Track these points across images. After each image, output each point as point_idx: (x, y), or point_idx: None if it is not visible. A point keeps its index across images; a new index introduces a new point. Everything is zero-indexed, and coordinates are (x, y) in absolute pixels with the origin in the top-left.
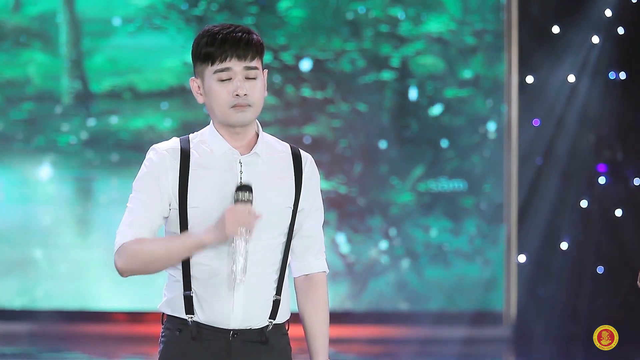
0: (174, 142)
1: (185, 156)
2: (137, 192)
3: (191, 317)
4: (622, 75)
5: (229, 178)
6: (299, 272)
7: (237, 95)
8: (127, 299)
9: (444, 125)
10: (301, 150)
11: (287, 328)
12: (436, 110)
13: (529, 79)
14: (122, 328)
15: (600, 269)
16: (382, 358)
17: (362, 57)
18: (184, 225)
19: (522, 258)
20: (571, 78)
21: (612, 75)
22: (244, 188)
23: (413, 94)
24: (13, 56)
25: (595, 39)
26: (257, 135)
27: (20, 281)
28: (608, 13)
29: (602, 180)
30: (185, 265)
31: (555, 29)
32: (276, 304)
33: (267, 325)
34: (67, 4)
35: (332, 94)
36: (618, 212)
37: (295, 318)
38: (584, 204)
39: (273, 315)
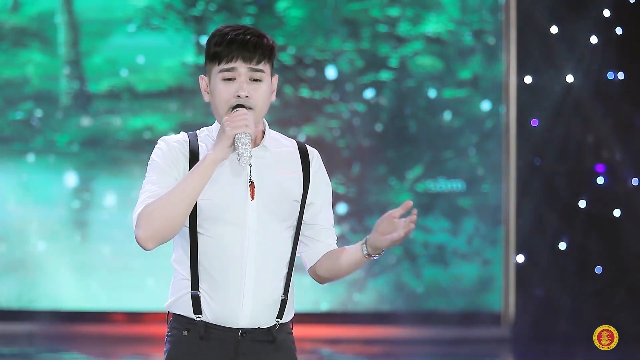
0: (183, 136)
1: (194, 148)
2: (150, 175)
3: (199, 317)
4: (621, 76)
5: (238, 171)
6: (316, 257)
7: (238, 96)
8: (125, 299)
9: (443, 125)
10: (307, 146)
11: (291, 327)
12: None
13: (528, 79)
14: (120, 328)
15: (598, 269)
16: (380, 358)
17: (361, 57)
18: (193, 217)
19: (520, 258)
20: (569, 78)
21: (610, 75)
22: (239, 106)
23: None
24: (11, 56)
25: (594, 39)
26: (263, 133)
27: (19, 281)
28: (606, 13)
29: (600, 180)
30: (194, 262)
31: (554, 29)
32: (283, 303)
33: (275, 325)
34: (66, 4)
35: (330, 95)
36: (616, 212)
37: (299, 318)
38: (582, 204)
39: (280, 314)
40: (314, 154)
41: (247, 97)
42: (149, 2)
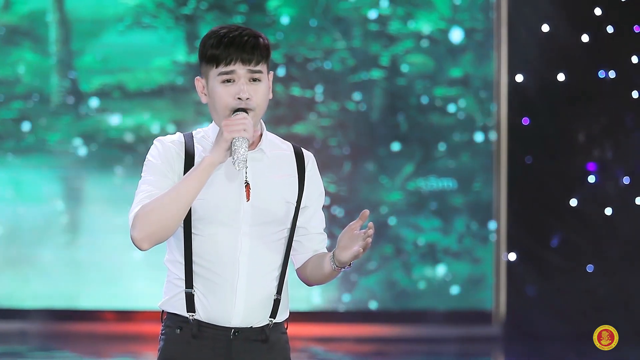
0: (178, 136)
1: (190, 149)
2: (146, 175)
3: (192, 315)
4: (612, 74)
5: (233, 172)
6: (304, 260)
7: (239, 98)
8: (116, 298)
9: (434, 123)
10: (303, 149)
11: (285, 327)
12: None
13: (519, 78)
14: (111, 327)
15: (589, 268)
16: (371, 357)
17: (352, 55)
18: (187, 217)
19: (511, 256)
20: (561, 77)
21: (601, 74)
22: (240, 110)
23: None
24: (3, 55)
25: (585, 38)
26: (261, 134)
27: (10, 280)
28: (597, 12)
29: (591, 179)
30: (188, 262)
31: (545, 28)
32: (277, 303)
33: (268, 324)
34: (57, 3)
35: (321, 93)
36: (608, 211)
37: (295, 317)
38: (573, 202)
39: (273, 314)
40: (309, 158)
41: (248, 98)
42: (140, 0)
